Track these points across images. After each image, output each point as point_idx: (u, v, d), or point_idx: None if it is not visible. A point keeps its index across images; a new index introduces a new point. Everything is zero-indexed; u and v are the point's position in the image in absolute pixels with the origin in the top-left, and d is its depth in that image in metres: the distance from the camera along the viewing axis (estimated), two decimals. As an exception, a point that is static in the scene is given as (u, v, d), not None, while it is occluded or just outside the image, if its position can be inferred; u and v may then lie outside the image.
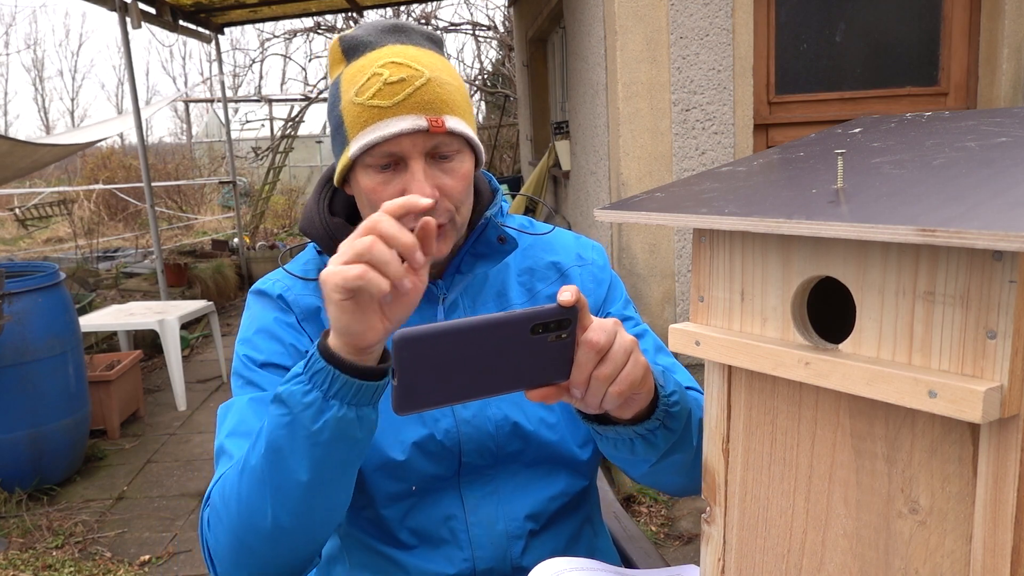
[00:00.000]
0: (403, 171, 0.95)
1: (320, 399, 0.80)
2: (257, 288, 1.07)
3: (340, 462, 0.84)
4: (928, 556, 0.58)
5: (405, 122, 0.92)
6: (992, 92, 3.37)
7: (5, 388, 3.25)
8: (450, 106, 0.95)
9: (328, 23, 11.88)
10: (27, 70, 39.54)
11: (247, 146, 12.99)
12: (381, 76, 0.93)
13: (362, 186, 0.96)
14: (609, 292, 1.14)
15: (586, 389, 0.78)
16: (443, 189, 0.95)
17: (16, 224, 11.87)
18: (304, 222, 1.06)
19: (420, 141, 0.93)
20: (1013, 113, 0.74)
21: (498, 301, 1.08)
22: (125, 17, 5.59)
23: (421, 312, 1.03)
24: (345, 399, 0.80)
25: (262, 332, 1.03)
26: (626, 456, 0.92)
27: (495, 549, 1.03)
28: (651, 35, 3.37)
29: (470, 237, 1.04)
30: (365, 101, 0.93)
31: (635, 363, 0.80)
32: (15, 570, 2.72)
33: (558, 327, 0.74)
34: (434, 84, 0.94)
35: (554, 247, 1.14)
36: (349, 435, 0.82)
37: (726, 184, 0.71)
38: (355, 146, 0.94)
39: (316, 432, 0.81)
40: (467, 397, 0.74)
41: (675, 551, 2.70)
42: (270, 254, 8.56)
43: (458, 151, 0.97)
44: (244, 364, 1.02)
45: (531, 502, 1.05)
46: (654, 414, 0.87)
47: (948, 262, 0.53)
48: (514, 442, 1.04)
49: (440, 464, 1.02)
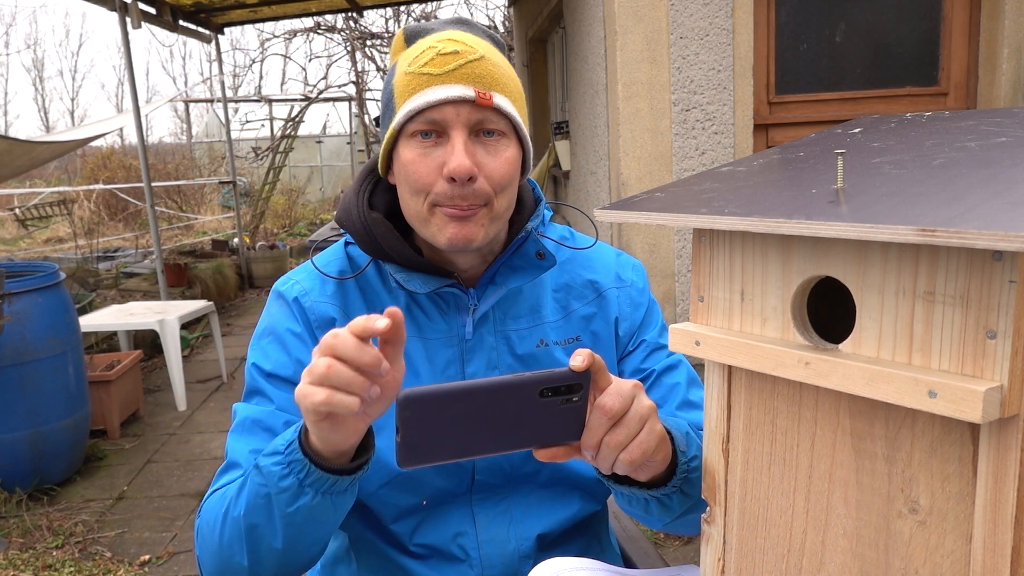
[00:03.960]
0: (444, 143, 0.91)
1: (296, 486, 0.82)
2: (277, 288, 1.05)
3: (315, 537, 0.88)
4: (928, 556, 0.58)
5: (453, 90, 0.90)
6: (992, 92, 3.37)
7: (5, 388, 3.24)
8: (500, 85, 0.92)
9: (328, 23, 11.88)
10: (27, 70, 39.55)
11: (247, 146, 12.99)
12: (436, 48, 0.92)
13: (403, 159, 0.93)
14: (646, 317, 1.10)
15: (596, 453, 0.76)
16: (483, 168, 0.91)
17: (16, 224, 11.86)
18: (341, 213, 1.03)
19: (465, 112, 0.90)
20: (1013, 113, 0.74)
21: (531, 317, 1.04)
22: (125, 17, 5.59)
23: (449, 320, 1.01)
24: (320, 489, 0.82)
25: (273, 338, 1.02)
26: (640, 513, 0.91)
27: (505, 568, 1.03)
28: (651, 35, 3.37)
29: (508, 248, 1.01)
30: (416, 70, 0.91)
31: (650, 431, 0.76)
32: (15, 570, 2.71)
33: (568, 391, 0.72)
34: (487, 61, 0.92)
35: (593, 264, 1.10)
36: (322, 518, 0.85)
37: (726, 184, 0.71)
38: (400, 113, 0.92)
39: (291, 514, 0.83)
40: (471, 454, 0.73)
41: (675, 551, 2.70)
42: (270, 254, 8.56)
43: (504, 133, 0.94)
44: (251, 372, 1.02)
45: (544, 523, 1.04)
46: (671, 481, 0.85)
47: (948, 262, 0.53)
48: (529, 463, 1.02)
49: (452, 479, 1.01)
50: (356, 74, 12.70)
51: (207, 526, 0.92)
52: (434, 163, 0.91)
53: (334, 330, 0.73)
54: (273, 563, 0.88)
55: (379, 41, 12.08)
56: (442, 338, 1.01)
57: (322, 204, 15.08)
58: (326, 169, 16.52)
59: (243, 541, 0.87)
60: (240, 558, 0.88)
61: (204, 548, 0.93)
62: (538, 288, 1.06)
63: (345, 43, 12.39)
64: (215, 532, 0.90)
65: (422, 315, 1.02)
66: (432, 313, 1.02)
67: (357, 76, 12.72)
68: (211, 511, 0.93)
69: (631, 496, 0.87)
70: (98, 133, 8.07)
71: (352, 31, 11.95)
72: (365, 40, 12.14)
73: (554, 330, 1.05)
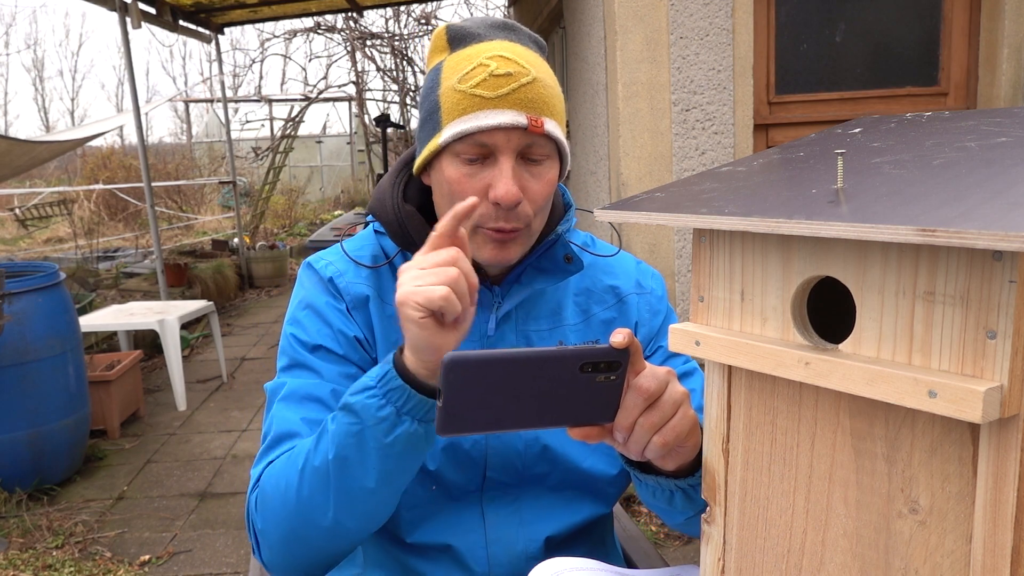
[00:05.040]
0: (491, 166, 0.93)
1: (394, 415, 0.82)
2: (309, 262, 1.05)
3: (406, 470, 0.87)
4: (928, 556, 0.58)
5: (505, 116, 0.90)
6: (992, 92, 3.37)
7: (5, 388, 3.24)
8: (550, 109, 0.94)
9: (328, 23, 11.88)
10: (27, 70, 39.56)
11: (247, 146, 13.00)
12: (488, 67, 0.91)
13: (446, 175, 0.94)
14: (663, 324, 1.11)
15: (629, 435, 0.77)
16: (527, 192, 0.94)
17: (16, 224, 11.86)
18: (375, 203, 1.04)
19: (516, 138, 0.92)
20: (1013, 113, 0.74)
21: (552, 319, 1.06)
22: (125, 17, 5.59)
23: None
24: (417, 416, 0.83)
25: (311, 312, 1.01)
26: (663, 506, 0.91)
27: (512, 569, 1.03)
28: (651, 35, 3.37)
29: (536, 250, 1.02)
30: (468, 89, 0.91)
31: (683, 416, 0.77)
32: (15, 570, 2.71)
33: (608, 368, 0.73)
34: (539, 84, 0.93)
35: (614, 270, 1.12)
36: (418, 448, 0.85)
37: (726, 184, 0.71)
38: (448, 132, 0.92)
39: (388, 445, 0.83)
40: (509, 427, 0.74)
41: (675, 551, 2.70)
42: (270, 254, 8.56)
43: (548, 156, 0.96)
44: (292, 345, 1.01)
45: (553, 526, 1.05)
46: (699, 470, 0.85)
47: (948, 262, 0.53)
48: (541, 464, 1.03)
49: (463, 473, 1.01)
50: (356, 74, 12.69)
51: (274, 492, 0.91)
52: (480, 184, 0.93)
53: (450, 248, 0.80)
54: (361, 511, 0.88)
55: (379, 41, 12.07)
56: None
57: (322, 204, 15.09)
58: (326, 169, 16.53)
59: (330, 489, 0.86)
60: (323, 512, 0.87)
61: (270, 518, 0.91)
62: (560, 291, 1.07)
63: (345, 43, 12.39)
64: (290, 492, 0.89)
65: None
66: None
67: (357, 76, 12.72)
68: (277, 476, 0.91)
69: (656, 487, 0.87)
70: (98, 132, 8.07)
71: (352, 31, 11.95)
72: (365, 40, 12.14)
73: (574, 333, 1.06)
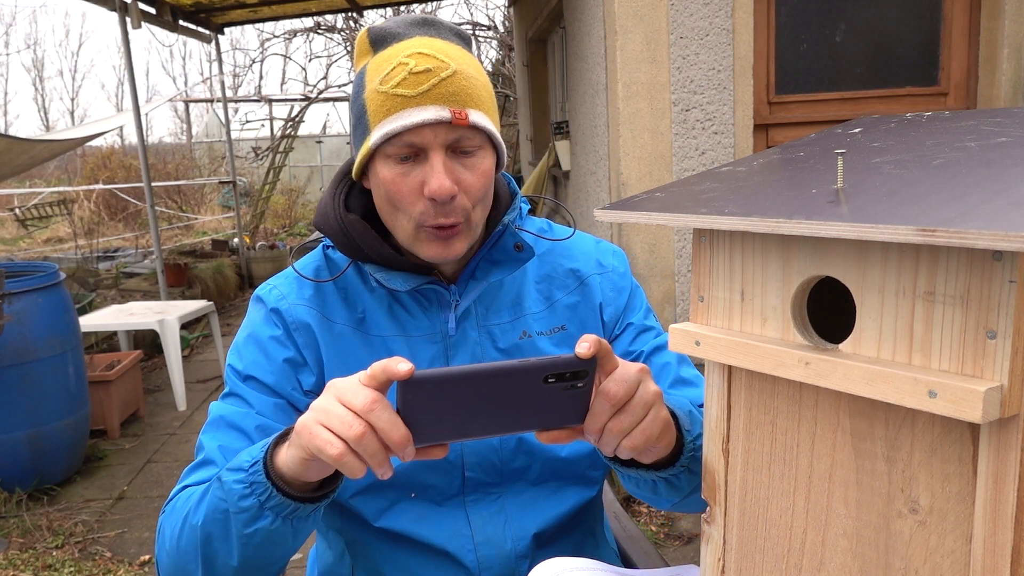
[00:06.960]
0: (423, 163, 0.92)
1: (256, 507, 0.80)
2: (258, 294, 1.06)
3: (273, 559, 0.86)
4: (928, 556, 0.58)
5: (428, 112, 0.90)
6: (992, 92, 3.37)
7: (5, 388, 3.24)
8: (475, 100, 0.93)
9: (328, 23, 11.88)
10: (27, 70, 39.49)
11: (247, 146, 13.00)
12: (407, 65, 0.91)
13: (381, 177, 0.94)
14: (630, 300, 1.11)
15: (599, 438, 0.75)
16: (462, 184, 0.93)
17: (16, 224, 11.86)
18: (318, 217, 1.03)
19: (442, 133, 0.91)
20: (1013, 113, 0.74)
21: (512, 310, 1.05)
22: (125, 17, 5.59)
23: (431, 317, 1.02)
24: (281, 514, 0.80)
25: (251, 342, 1.02)
26: (648, 495, 0.91)
27: (503, 570, 1.02)
28: (651, 35, 3.37)
29: (487, 242, 1.02)
30: (389, 89, 0.91)
31: (654, 418, 0.76)
32: (15, 570, 2.71)
33: (573, 377, 0.71)
34: (460, 76, 0.92)
35: (573, 253, 1.11)
36: (280, 542, 0.83)
37: (726, 184, 0.71)
38: (376, 135, 0.92)
39: (248, 535, 0.81)
40: (473, 436, 0.73)
41: (675, 551, 2.70)
42: (270, 254, 8.56)
43: (480, 147, 0.95)
44: (228, 374, 1.02)
45: (539, 521, 1.04)
46: (678, 461, 0.85)
47: (948, 262, 0.53)
48: (519, 458, 1.02)
49: (443, 477, 1.01)
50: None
51: (169, 527, 0.91)
52: (414, 182, 0.93)
53: (375, 393, 0.70)
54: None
55: (379, 41, 12.06)
56: (425, 335, 1.02)
57: (322, 204, 15.02)
58: (326, 169, 16.52)
59: (198, 553, 0.85)
60: (194, 568, 0.87)
61: (162, 548, 0.91)
62: (519, 281, 1.07)
63: (345, 43, 12.39)
64: (175, 537, 0.89)
65: (404, 313, 1.02)
66: (414, 311, 1.02)
67: (357, 76, 12.69)
68: (174, 513, 0.91)
69: (638, 478, 0.87)
70: (98, 132, 8.07)
71: (352, 31, 11.94)
72: (365, 40, 12.11)
73: (537, 321, 1.06)
